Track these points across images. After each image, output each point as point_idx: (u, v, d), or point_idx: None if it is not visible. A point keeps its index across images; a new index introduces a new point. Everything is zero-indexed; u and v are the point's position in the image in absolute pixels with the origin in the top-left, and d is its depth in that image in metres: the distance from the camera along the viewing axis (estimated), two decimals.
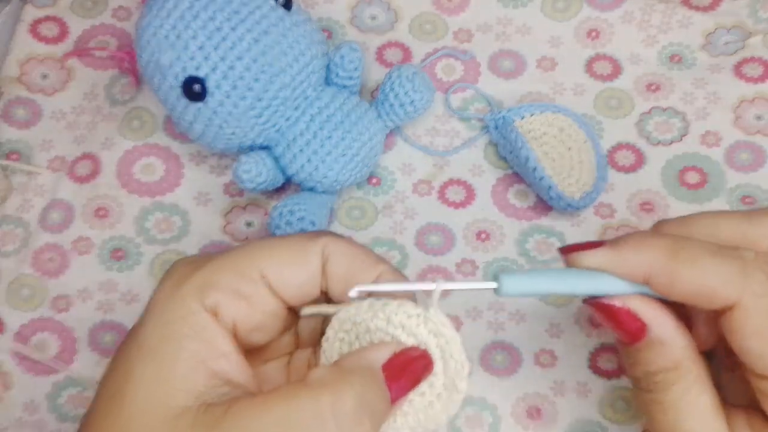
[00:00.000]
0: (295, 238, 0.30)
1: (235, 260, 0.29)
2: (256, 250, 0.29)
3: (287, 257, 0.29)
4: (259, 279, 0.29)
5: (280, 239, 0.30)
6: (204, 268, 0.28)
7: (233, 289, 0.28)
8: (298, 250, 0.29)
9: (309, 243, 0.30)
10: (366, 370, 0.27)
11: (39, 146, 0.47)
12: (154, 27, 0.40)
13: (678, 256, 0.26)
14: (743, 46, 0.48)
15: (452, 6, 0.50)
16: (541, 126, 0.46)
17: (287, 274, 0.29)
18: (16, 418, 0.42)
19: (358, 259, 0.30)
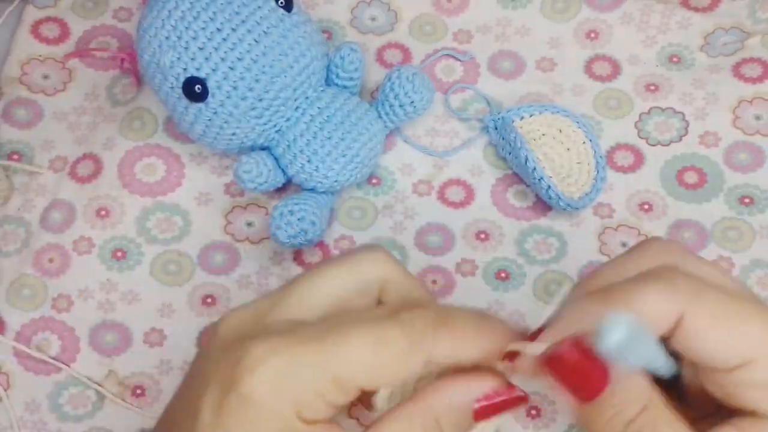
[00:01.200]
0: (397, 348, 0.26)
1: (338, 373, 0.25)
2: (358, 364, 0.26)
3: (388, 374, 0.26)
4: (357, 390, 0.26)
5: (381, 347, 0.26)
6: (303, 381, 0.25)
7: (332, 403, 0.26)
8: (402, 365, 0.26)
9: (412, 357, 0.26)
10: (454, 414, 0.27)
11: (40, 146, 0.47)
12: (155, 28, 0.40)
13: (614, 301, 0.26)
14: (742, 46, 0.49)
15: (452, 7, 0.50)
16: (541, 126, 0.46)
17: (383, 385, 0.27)
18: (17, 417, 0.42)
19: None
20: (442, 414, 0.27)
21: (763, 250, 0.44)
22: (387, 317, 0.27)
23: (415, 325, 0.26)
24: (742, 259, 0.44)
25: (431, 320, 0.27)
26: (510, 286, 0.44)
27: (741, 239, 0.45)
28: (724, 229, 0.45)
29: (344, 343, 0.26)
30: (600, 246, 0.45)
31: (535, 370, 0.27)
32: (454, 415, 0.27)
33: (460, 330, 0.27)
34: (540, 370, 0.26)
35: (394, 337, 0.26)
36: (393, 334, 0.26)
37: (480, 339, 0.27)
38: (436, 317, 0.27)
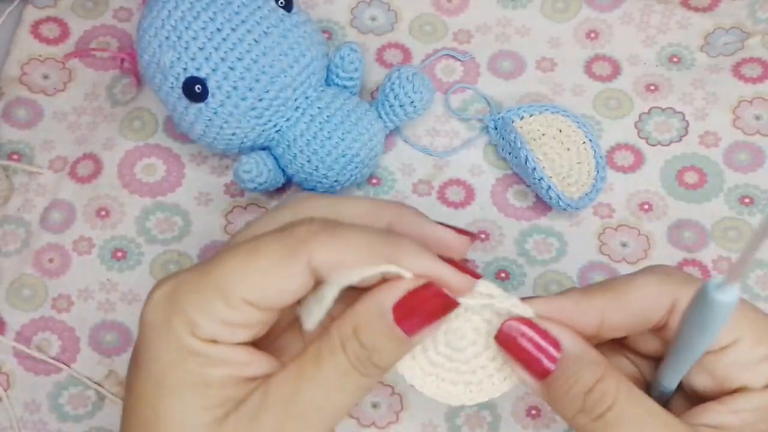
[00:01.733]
0: (274, 253, 0.26)
1: (216, 285, 0.26)
2: (233, 272, 0.26)
3: (267, 281, 0.26)
4: (245, 305, 0.26)
5: (255, 256, 0.26)
6: (188, 300, 0.26)
7: (223, 320, 0.26)
8: (279, 269, 0.26)
9: (290, 260, 0.26)
10: (371, 316, 0.26)
11: (40, 146, 0.47)
12: (155, 28, 0.40)
13: (615, 290, 0.28)
14: (742, 46, 0.49)
15: (452, 7, 0.50)
16: (541, 126, 0.46)
17: (272, 298, 0.26)
18: (17, 417, 0.42)
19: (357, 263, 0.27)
20: (360, 325, 0.26)
21: (763, 250, 0.44)
22: (270, 217, 0.28)
23: (294, 233, 0.26)
24: None
25: (315, 227, 0.26)
26: (510, 286, 0.44)
27: (741, 239, 0.45)
28: (724, 229, 0.45)
29: (221, 258, 0.27)
30: (600, 246, 0.45)
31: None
32: (373, 325, 0.26)
33: (345, 236, 0.26)
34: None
35: (268, 244, 0.26)
36: (267, 242, 0.26)
37: (368, 245, 0.26)
38: (321, 224, 0.26)
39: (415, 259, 0.26)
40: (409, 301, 0.26)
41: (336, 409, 0.27)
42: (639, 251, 0.45)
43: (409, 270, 0.26)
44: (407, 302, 0.26)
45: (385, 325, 0.26)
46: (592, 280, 0.44)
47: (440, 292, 0.26)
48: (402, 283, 0.26)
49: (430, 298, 0.26)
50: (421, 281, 0.26)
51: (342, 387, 0.26)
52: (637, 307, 0.28)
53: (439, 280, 0.26)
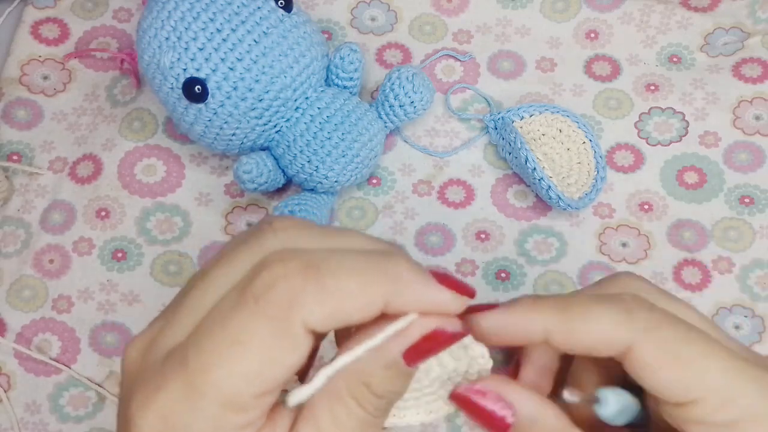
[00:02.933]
0: (263, 338, 0.22)
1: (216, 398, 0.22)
2: (230, 378, 0.22)
3: (267, 369, 0.22)
4: (253, 401, 0.23)
5: (242, 350, 0.22)
6: (185, 426, 0.23)
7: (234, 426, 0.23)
8: (274, 351, 0.22)
9: (283, 338, 0.22)
10: (381, 368, 0.24)
11: (40, 147, 0.47)
12: (155, 28, 0.40)
13: (569, 311, 0.26)
14: (742, 46, 0.49)
15: (452, 7, 0.50)
16: (541, 126, 0.46)
17: (277, 380, 0.23)
18: (17, 418, 0.42)
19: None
20: (371, 380, 0.24)
21: (763, 250, 0.44)
22: (238, 302, 0.23)
23: (273, 299, 0.22)
24: (742, 259, 0.44)
25: (296, 280, 0.22)
26: (510, 286, 0.44)
27: (741, 239, 0.45)
28: (724, 229, 0.45)
29: (207, 365, 0.22)
30: (600, 246, 0.45)
31: None
32: (385, 376, 0.24)
33: (336, 283, 0.23)
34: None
35: (248, 328, 0.22)
36: (246, 325, 0.22)
37: (365, 286, 0.23)
38: (301, 274, 0.22)
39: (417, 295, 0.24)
40: (420, 348, 0.24)
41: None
42: (639, 251, 0.45)
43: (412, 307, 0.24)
44: (418, 349, 0.24)
45: (398, 371, 0.24)
46: (592, 279, 0.44)
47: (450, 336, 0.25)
48: (411, 332, 0.24)
49: (442, 342, 0.25)
50: (429, 326, 0.24)
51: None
52: (586, 340, 0.26)
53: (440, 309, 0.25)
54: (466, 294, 0.25)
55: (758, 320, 0.43)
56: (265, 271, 0.23)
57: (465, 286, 0.25)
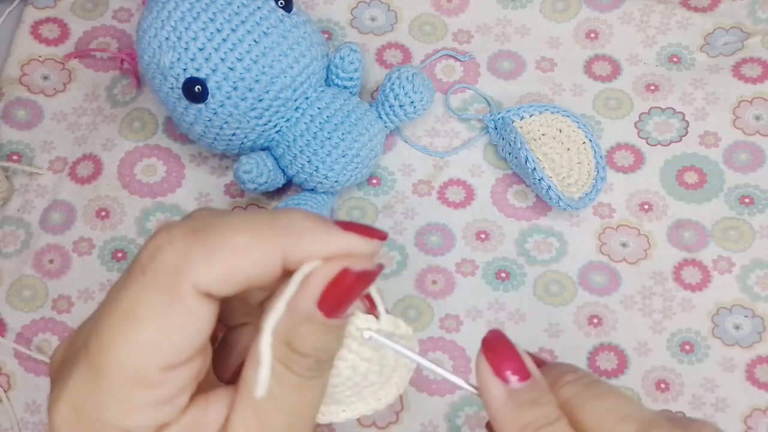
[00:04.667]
0: (152, 306, 0.21)
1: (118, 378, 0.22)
2: (126, 355, 0.21)
3: (165, 340, 0.22)
4: (162, 375, 0.22)
5: (133, 322, 0.22)
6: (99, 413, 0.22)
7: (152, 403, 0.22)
8: (167, 321, 0.21)
9: (173, 305, 0.21)
10: (299, 324, 0.23)
11: (40, 147, 0.47)
12: (155, 28, 0.40)
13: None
14: (742, 46, 0.49)
15: (452, 7, 0.50)
16: (541, 126, 0.46)
17: (181, 351, 0.22)
18: (17, 418, 0.42)
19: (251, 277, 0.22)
20: (292, 339, 0.22)
21: (763, 250, 0.44)
22: (128, 276, 0.22)
23: (156, 267, 0.21)
24: (742, 259, 0.44)
25: (180, 246, 0.21)
26: (510, 286, 0.44)
27: (741, 239, 0.45)
28: (724, 229, 0.45)
29: (105, 344, 0.22)
30: (600, 246, 0.45)
31: None
32: (305, 332, 0.22)
33: (224, 242, 0.22)
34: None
35: (142, 301, 0.22)
36: (135, 296, 0.22)
37: (257, 243, 0.22)
38: (186, 239, 0.22)
39: (317, 242, 0.22)
40: (332, 293, 0.22)
41: (310, 418, 0.24)
42: (639, 251, 0.45)
43: (314, 255, 0.23)
44: (330, 295, 0.22)
45: (319, 325, 0.22)
46: (592, 279, 0.44)
47: (361, 274, 0.23)
48: (316, 278, 0.22)
49: (353, 283, 0.23)
50: (336, 269, 0.22)
51: (308, 400, 0.24)
52: None
53: (350, 253, 0.23)
54: (375, 237, 0.23)
55: (758, 320, 0.43)
56: (150, 241, 0.22)
57: (372, 228, 0.23)
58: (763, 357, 0.43)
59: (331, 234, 0.23)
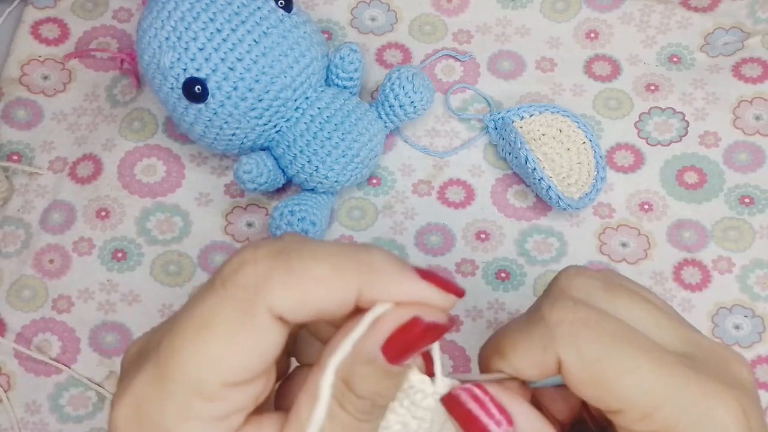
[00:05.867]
0: (227, 318, 0.22)
1: (182, 384, 0.22)
2: (192, 362, 0.22)
3: (233, 355, 0.22)
4: (225, 390, 0.22)
5: (207, 331, 0.22)
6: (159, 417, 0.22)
7: (209, 417, 0.23)
8: (239, 335, 0.22)
9: (247, 320, 0.22)
10: (360, 365, 0.23)
11: (40, 147, 0.47)
12: (155, 28, 0.40)
13: (503, 350, 0.25)
14: (742, 46, 0.49)
15: (452, 7, 0.50)
16: (541, 126, 0.46)
17: (248, 370, 0.22)
18: (17, 418, 0.42)
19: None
20: (350, 378, 0.22)
21: (763, 250, 0.44)
22: (208, 287, 0.22)
23: (240, 283, 0.22)
24: (742, 259, 0.44)
25: (263, 266, 0.22)
26: (510, 286, 0.44)
27: (741, 239, 0.45)
28: (724, 229, 0.45)
29: (172, 348, 0.22)
30: (600, 246, 0.45)
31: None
32: (365, 374, 0.22)
33: (305, 268, 0.22)
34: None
35: (215, 310, 0.22)
36: (213, 307, 0.22)
37: (336, 274, 0.22)
38: (270, 260, 0.22)
39: (395, 286, 0.23)
40: (399, 340, 0.23)
41: None
42: (639, 251, 0.45)
43: (388, 297, 0.23)
44: (397, 341, 0.22)
45: (380, 369, 0.23)
46: None
47: (431, 326, 0.23)
48: (385, 322, 0.23)
49: (421, 333, 0.23)
50: (407, 316, 0.23)
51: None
52: (526, 374, 0.25)
53: (424, 303, 0.23)
54: (452, 292, 0.23)
55: (758, 320, 0.43)
56: (235, 257, 0.22)
57: (451, 283, 0.24)
58: (763, 357, 0.43)
59: (409, 279, 0.23)
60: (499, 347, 0.26)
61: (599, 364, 0.24)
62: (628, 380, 0.24)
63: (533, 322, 0.25)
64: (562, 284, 0.27)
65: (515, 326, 0.26)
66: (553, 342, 0.24)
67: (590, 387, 0.24)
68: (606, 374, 0.24)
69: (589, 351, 0.24)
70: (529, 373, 0.25)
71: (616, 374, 0.24)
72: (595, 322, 0.24)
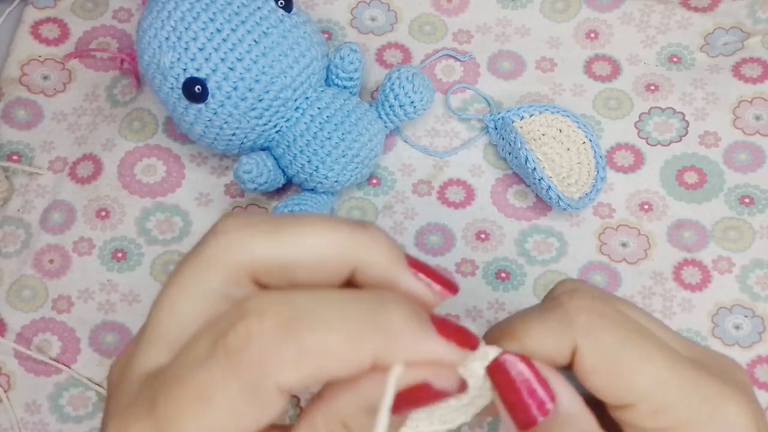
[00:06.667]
0: (232, 398, 0.21)
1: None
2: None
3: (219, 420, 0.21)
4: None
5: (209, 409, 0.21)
6: None
7: None
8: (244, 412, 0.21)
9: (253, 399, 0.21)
10: (359, 411, 0.22)
11: (40, 147, 0.47)
12: (155, 28, 0.40)
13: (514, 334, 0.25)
14: (742, 46, 0.49)
15: (452, 7, 0.50)
16: (541, 126, 0.46)
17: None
18: (17, 418, 0.42)
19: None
20: (347, 415, 0.22)
21: (763, 250, 0.44)
22: (210, 353, 0.21)
23: (243, 358, 0.21)
24: (742, 259, 0.44)
25: (270, 337, 0.21)
26: (510, 286, 0.44)
27: (741, 239, 0.45)
28: (724, 229, 0.45)
29: (173, 415, 0.21)
30: (600, 246, 0.45)
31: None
32: (364, 415, 0.22)
33: (317, 340, 0.21)
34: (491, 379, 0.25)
35: (220, 387, 0.21)
36: (218, 383, 0.21)
37: (350, 343, 0.21)
38: (277, 329, 0.21)
39: (412, 351, 0.22)
40: (405, 398, 0.22)
41: None
42: (639, 251, 0.45)
43: (405, 360, 0.22)
44: (403, 399, 0.22)
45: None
46: (592, 279, 0.44)
47: (438, 394, 0.22)
48: (393, 380, 0.22)
49: (428, 398, 0.22)
50: (418, 378, 0.22)
51: None
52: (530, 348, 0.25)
53: (440, 362, 0.23)
54: (467, 346, 0.23)
55: (758, 320, 0.43)
56: (241, 325, 0.21)
57: (468, 334, 0.23)
58: (763, 357, 0.43)
59: (429, 340, 0.22)
60: (512, 330, 0.25)
61: (616, 354, 0.24)
62: (644, 372, 0.24)
63: (550, 309, 0.25)
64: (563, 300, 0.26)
65: (528, 312, 0.26)
66: (571, 328, 0.24)
67: (605, 377, 0.24)
68: (622, 364, 0.24)
69: (607, 340, 0.24)
70: (541, 357, 0.25)
71: (633, 365, 0.24)
72: (612, 315, 0.25)
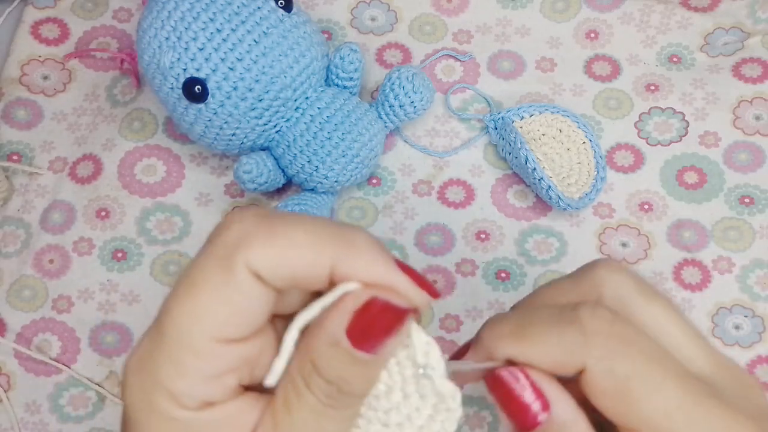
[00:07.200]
0: (210, 274, 0.23)
1: (176, 340, 0.23)
2: (182, 318, 0.23)
3: (219, 310, 0.23)
4: (214, 346, 0.23)
5: (194, 288, 0.23)
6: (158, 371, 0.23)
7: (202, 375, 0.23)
8: (222, 290, 0.23)
9: (227, 274, 0.22)
10: (326, 347, 0.23)
11: (40, 147, 0.47)
12: (155, 28, 0.40)
13: (524, 337, 0.25)
14: (742, 46, 0.49)
15: (452, 7, 0.50)
16: (541, 126, 0.46)
17: (236, 327, 0.23)
18: (17, 418, 0.42)
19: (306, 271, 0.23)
20: (317, 360, 0.23)
21: (763, 250, 0.44)
22: (201, 249, 0.24)
23: (224, 239, 0.23)
24: (742, 259, 0.44)
25: (248, 224, 0.23)
26: (510, 286, 0.44)
27: (741, 239, 0.45)
28: (724, 229, 0.45)
29: (167, 306, 0.23)
30: (600, 246, 0.45)
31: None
32: (330, 356, 0.23)
33: (286, 232, 0.23)
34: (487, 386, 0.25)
35: (201, 265, 0.23)
36: (200, 263, 0.23)
37: (315, 242, 0.23)
38: (256, 220, 0.23)
39: (368, 266, 0.23)
40: (361, 321, 0.23)
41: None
42: (639, 251, 0.45)
43: (360, 276, 0.23)
44: (359, 323, 0.23)
45: (344, 353, 0.23)
46: None
47: (388, 306, 0.23)
48: (348, 303, 0.23)
49: (380, 313, 0.23)
50: (366, 296, 0.23)
51: (322, 428, 0.24)
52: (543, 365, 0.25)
53: (393, 290, 0.23)
54: (425, 289, 0.24)
55: (758, 320, 0.43)
56: (225, 218, 0.24)
57: (426, 281, 0.24)
58: (763, 357, 0.43)
59: (385, 264, 0.23)
60: (520, 333, 0.25)
61: (628, 381, 0.24)
62: (652, 402, 0.24)
63: (566, 323, 0.25)
64: (599, 277, 0.26)
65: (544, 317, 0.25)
66: (584, 350, 0.24)
67: (613, 401, 0.24)
68: (633, 393, 0.24)
69: (620, 367, 0.24)
70: (539, 366, 0.25)
71: (643, 395, 0.24)
72: (630, 340, 0.24)
